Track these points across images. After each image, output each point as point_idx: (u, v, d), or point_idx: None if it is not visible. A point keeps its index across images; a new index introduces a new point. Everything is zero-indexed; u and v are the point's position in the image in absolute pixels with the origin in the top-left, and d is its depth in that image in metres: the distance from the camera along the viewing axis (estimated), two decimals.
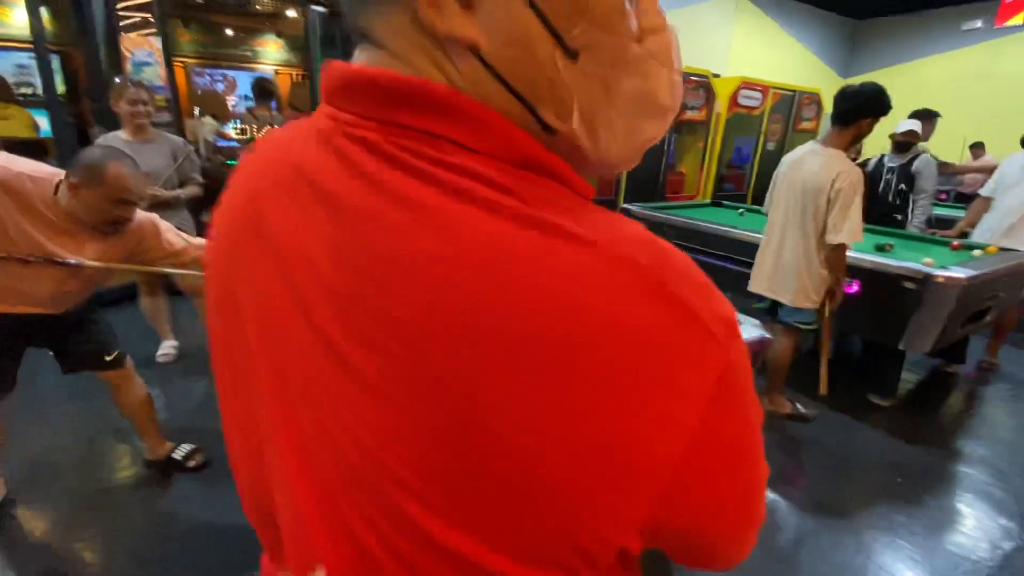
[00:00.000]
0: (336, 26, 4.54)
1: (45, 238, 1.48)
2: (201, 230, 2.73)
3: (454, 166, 0.28)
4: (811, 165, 2.23)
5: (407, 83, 0.29)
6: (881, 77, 9.59)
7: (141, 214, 1.65)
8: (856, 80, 10.24)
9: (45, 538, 1.73)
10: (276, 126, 4.72)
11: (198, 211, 3.35)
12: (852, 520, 1.99)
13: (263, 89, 4.68)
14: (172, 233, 1.72)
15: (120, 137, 2.54)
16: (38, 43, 3.27)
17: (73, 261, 1.51)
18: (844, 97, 2.19)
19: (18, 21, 4.28)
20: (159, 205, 2.38)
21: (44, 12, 3.37)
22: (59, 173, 1.49)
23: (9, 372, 1.69)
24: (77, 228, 1.52)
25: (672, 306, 0.27)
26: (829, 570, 1.76)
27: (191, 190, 2.71)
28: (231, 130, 4.75)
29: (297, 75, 5.33)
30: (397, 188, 0.28)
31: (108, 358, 1.77)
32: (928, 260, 2.46)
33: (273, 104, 4.83)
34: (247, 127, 4.58)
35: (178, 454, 2.05)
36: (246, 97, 4.89)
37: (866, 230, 2.66)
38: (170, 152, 2.61)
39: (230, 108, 4.99)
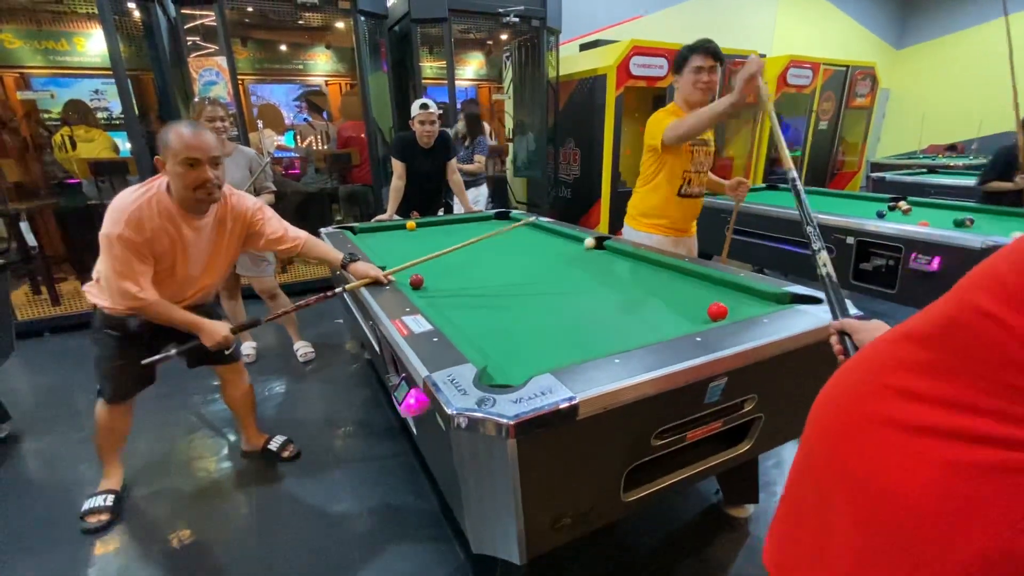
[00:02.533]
0: (380, 35, 4.66)
1: (188, 232, 1.64)
2: None
3: None
4: None
5: None
6: (939, 46, 9.06)
7: (248, 198, 1.78)
8: (912, 51, 9.78)
9: (162, 521, 1.87)
10: (329, 133, 4.90)
11: None
12: None
13: (313, 102, 4.91)
14: (276, 220, 1.85)
15: None
16: (117, 69, 3.49)
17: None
18: None
19: (91, 50, 4.61)
20: None
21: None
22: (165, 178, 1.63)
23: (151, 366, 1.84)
24: (191, 215, 1.65)
25: None
26: None
27: (266, 198, 2.85)
28: (288, 141, 4.98)
29: (346, 84, 5.50)
30: None
31: (228, 351, 1.89)
32: (1017, 234, 2.34)
33: (324, 114, 5.04)
34: (306, 136, 4.81)
35: (273, 445, 2.18)
36: (300, 108, 5.08)
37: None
38: (246, 164, 2.76)
39: (284, 120, 5.21)
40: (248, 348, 3.14)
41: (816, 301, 1.50)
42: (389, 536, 1.78)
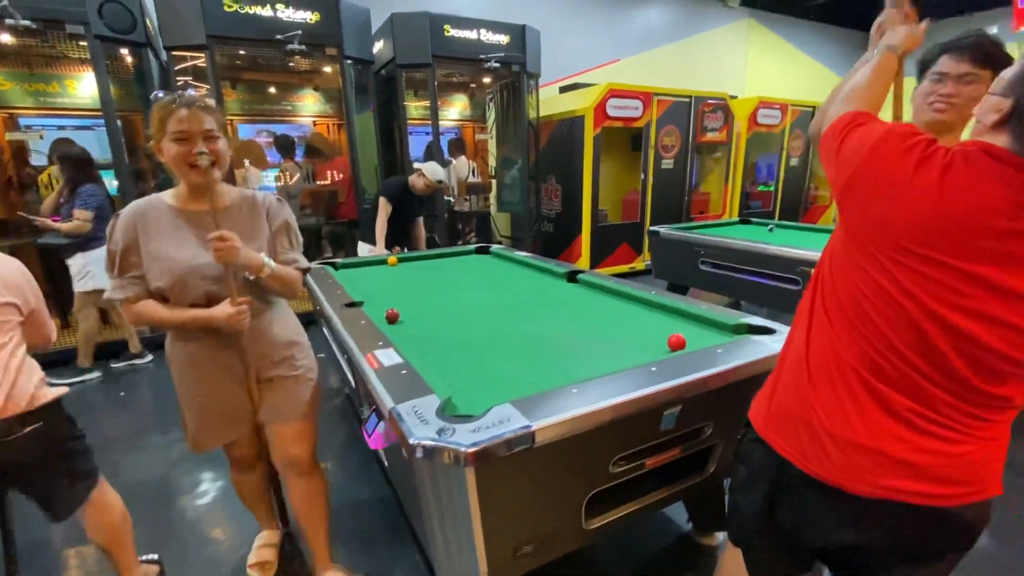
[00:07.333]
0: (366, 78, 4.84)
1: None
2: None
3: None
4: None
5: None
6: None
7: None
8: None
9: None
10: (305, 172, 5.05)
11: None
12: None
13: (288, 143, 5.10)
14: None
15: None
16: (108, 111, 3.59)
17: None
18: None
19: (82, 92, 4.71)
20: None
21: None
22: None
23: None
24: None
25: None
26: None
27: None
28: (269, 178, 5.11)
29: (334, 125, 5.67)
30: None
31: None
32: None
33: (297, 155, 5.19)
34: (283, 175, 4.96)
35: None
36: (283, 147, 5.18)
37: None
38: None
39: (267, 158, 5.32)
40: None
41: (770, 332, 1.58)
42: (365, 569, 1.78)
